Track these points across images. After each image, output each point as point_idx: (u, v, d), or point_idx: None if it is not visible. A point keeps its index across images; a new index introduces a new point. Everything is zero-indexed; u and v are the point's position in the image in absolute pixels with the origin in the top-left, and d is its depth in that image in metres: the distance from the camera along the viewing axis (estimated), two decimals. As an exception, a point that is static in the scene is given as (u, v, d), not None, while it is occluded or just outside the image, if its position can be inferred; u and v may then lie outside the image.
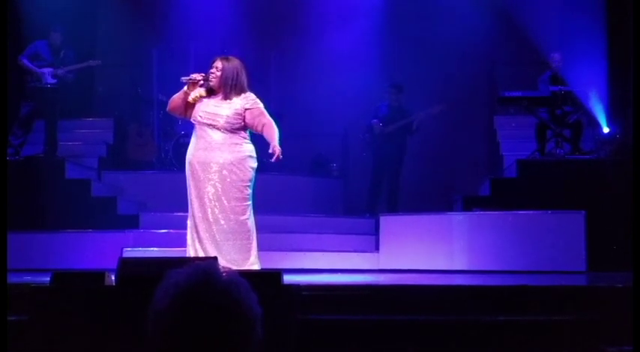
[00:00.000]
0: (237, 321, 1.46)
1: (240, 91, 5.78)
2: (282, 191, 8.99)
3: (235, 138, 5.75)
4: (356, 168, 10.21)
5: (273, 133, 5.75)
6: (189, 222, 5.79)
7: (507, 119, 10.14)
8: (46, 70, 9.00)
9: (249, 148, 5.80)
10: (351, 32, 10.61)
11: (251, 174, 5.76)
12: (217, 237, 5.67)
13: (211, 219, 5.68)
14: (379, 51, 10.57)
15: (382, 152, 9.58)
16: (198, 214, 5.71)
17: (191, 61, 10.21)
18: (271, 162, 5.91)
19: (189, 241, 5.78)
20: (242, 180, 5.72)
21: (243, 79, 5.81)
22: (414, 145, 10.11)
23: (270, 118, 5.81)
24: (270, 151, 5.72)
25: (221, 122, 5.71)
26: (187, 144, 6.05)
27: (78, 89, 9.56)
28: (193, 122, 5.87)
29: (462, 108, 10.54)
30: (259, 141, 6.01)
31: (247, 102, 5.77)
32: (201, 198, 5.71)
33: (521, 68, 10.06)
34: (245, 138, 5.80)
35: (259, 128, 5.77)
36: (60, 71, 9.04)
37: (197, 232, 5.71)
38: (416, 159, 10.32)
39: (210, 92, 5.83)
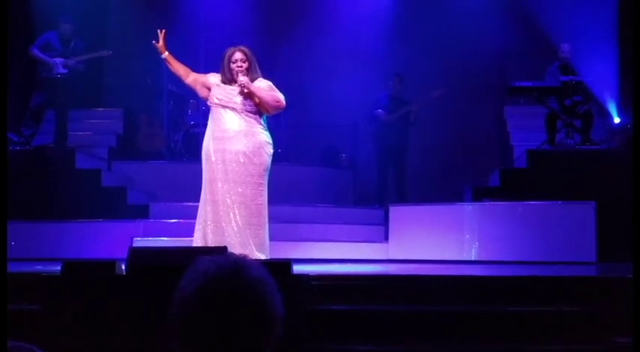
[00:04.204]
0: (259, 318, 1.45)
1: (257, 73, 5.89)
2: (291, 181, 8.99)
3: (252, 126, 5.79)
4: (366, 158, 10.21)
5: (269, 94, 5.78)
6: (199, 205, 5.83)
7: (517, 109, 10.11)
8: (58, 60, 9.02)
9: (266, 135, 5.84)
10: (361, 23, 10.59)
11: (268, 161, 5.80)
12: (230, 223, 5.69)
13: (225, 205, 5.71)
14: (389, 42, 10.54)
15: (386, 142, 9.58)
16: (209, 198, 5.75)
17: (201, 52, 10.20)
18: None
19: (197, 223, 5.82)
20: (259, 167, 5.76)
21: (256, 62, 5.95)
22: (423, 136, 10.09)
23: (281, 96, 5.85)
24: (242, 78, 5.75)
25: (238, 103, 5.75)
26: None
27: (88, 79, 9.58)
28: (209, 105, 5.93)
29: (472, 98, 10.52)
30: (273, 131, 6.05)
31: (262, 82, 5.87)
32: (213, 182, 5.74)
33: (532, 58, 10.02)
34: (262, 125, 5.84)
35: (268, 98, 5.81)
36: (71, 61, 9.06)
37: (206, 215, 5.75)
38: (426, 150, 10.31)
39: (226, 81, 5.87)
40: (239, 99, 5.80)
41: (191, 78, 6.01)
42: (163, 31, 6.00)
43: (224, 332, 1.43)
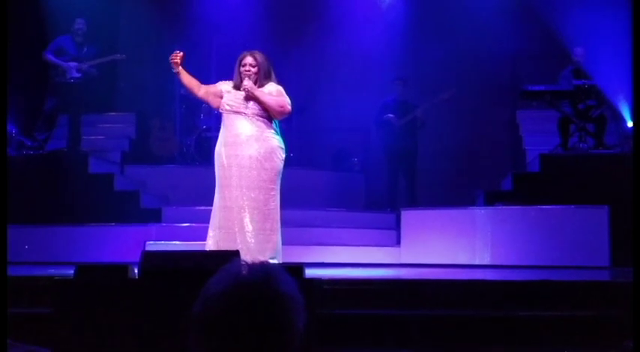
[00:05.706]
0: (279, 331, 1.44)
1: (269, 79, 5.87)
2: (303, 185, 8.99)
3: (263, 131, 5.79)
4: (377, 162, 10.20)
5: (274, 99, 5.78)
6: (212, 210, 5.84)
7: (530, 113, 10.08)
8: (72, 65, 9.06)
9: (277, 140, 5.84)
10: (373, 27, 10.59)
11: (280, 165, 5.81)
12: (243, 228, 5.70)
13: (237, 210, 5.71)
14: (401, 46, 10.53)
15: (396, 146, 9.56)
16: (221, 203, 5.76)
17: (213, 56, 10.23)
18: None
19: (210, 230, 5.83)
20: (271, 172, 5.77)
21: (271, 67, 5.93)
22: (436, 139, 10.08)
23: (287, 101, 5.83)
24: (246, 82, 5.76)
25: (249, 108, 5.76)
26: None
27: (101, 84, 9.62)
28: (221, 112, 5.94)
29: (484, 102, 10.50)
30: (285, 135, 6.06)
31: (272, 86, 5.86)
32: (226, 188, 5.75)
33: (545, 62, 9.99)
34: (273, 130, 5.85)
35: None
36: (84, 66, 9.10)
37: (219, 221, 5.76)
38: (438, 154, 10.29)
39: (237, 85, 5.88)
40: (249, 103, 5.81)
41: (202, 91, 5.99)
42: (182, 53, 5.92)
43: (242, 338, 1.42)
